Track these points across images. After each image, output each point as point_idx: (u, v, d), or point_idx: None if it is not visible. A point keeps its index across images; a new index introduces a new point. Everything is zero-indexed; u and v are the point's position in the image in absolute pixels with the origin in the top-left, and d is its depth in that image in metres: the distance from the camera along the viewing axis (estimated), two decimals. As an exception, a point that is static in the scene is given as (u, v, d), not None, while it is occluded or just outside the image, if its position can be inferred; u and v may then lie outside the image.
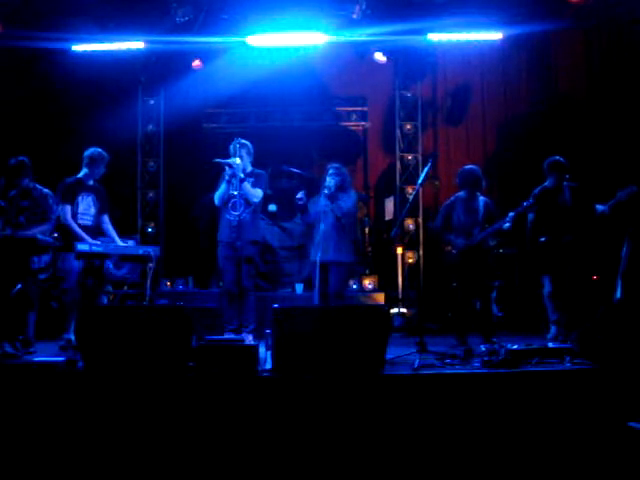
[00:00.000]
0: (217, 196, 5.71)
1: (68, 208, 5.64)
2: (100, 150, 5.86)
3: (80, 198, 5.74)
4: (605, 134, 7.77)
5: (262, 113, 8.86)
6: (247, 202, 5.62)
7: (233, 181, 5.48)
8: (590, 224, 5.74)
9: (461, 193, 5.96)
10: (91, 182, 5.85)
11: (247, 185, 5.61)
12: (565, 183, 5.90)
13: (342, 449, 3.82)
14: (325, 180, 5.84)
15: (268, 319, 4.28)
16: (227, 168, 5.55)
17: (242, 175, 5.55)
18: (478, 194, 5.91)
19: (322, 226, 5.70)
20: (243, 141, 5.78)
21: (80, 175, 5.82)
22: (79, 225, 5.67)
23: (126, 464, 3.80)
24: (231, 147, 5.67)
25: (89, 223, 5.78)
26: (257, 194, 5.70)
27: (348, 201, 5.79)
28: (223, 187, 5.63)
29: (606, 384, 4.02)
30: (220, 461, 3.81)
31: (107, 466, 3.79)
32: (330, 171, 5.84)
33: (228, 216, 5.57)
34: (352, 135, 9.13)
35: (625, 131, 7.45)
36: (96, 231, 5.84)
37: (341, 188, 5.80)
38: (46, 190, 5.60)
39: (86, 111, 8.44)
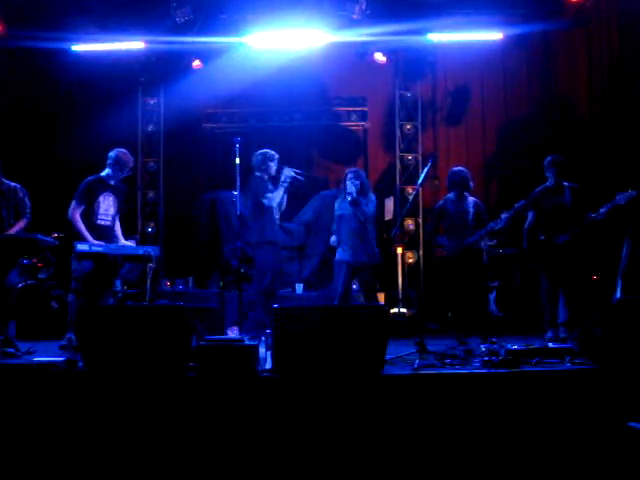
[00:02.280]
0: (275, 200, 5.97)
1: (80, 208, 5.52)
2: (126, 152, 5.75)
3: (102, 198, 5.61)
4: (605, 134, 7.77)
5: (262, 113, 8.85)
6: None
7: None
8: (586, 227, 5.74)
9: (450, 195, 6.02)
10: (113, 182, 5.72)
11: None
12: (566, 184, 5.91)
13: (342, 449, 3.82)
14: (346, 185, 5.92)
15: (268, 319, 4.28)
16: (287, 177, 5.98)
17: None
18: (467, 195, 5.97)
19: (345, 229, 5.88)
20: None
21: (102, 174, 5.70)
22: (99, 225, 5.58)
23: (126, 464, 3.80)
24: (271, 163, 6.02)
25: (109, 223, 5.69)
26: None
27: (370, 205, 5.92)
28: (281, 192, 5.99)
29: (606, 384, 4.02)
30: (220, 461, 3.82)
31: (107, 466, 3.79)
32: (349, 176, 5.94)
33: (276, 220, 5.98)
34: (352, 135, 9.12)
35: (625, 131, 7.45)
36: (113, 231, 5.77)
37: (361, 192, 5.87)
38: (14, 184, 5.53)
39: (86, 111, 8.45)
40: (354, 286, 7.75)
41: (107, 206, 5.68)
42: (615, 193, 5.58)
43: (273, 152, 6.07)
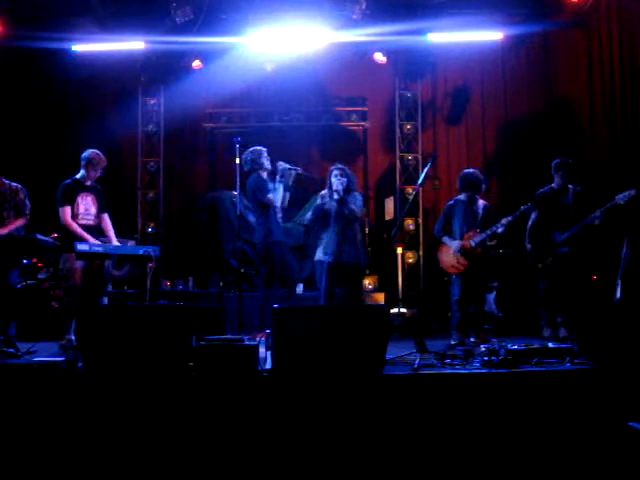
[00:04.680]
0: (277, 199, 5.88)
1: (68, 209, 5.58)
2: (98, 152, 5.77)
3: (80, 199, 5.67)
4: (605, 134, 7.76)
5: (262, 113, 8.85)
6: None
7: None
8: (588, 229, 5.77)
9: (461, 196, 6.02)
10: (89, 182, 5.77)
11: None
12: (571, 186, 5.95)
13: (342, 449, 3.82)
14: (331, 182, 5.75)
15: (268, 319, 4.28)
16: (283, 172, 5.87)
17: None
18: (478, 197, 5.97)
19: (332, 229, 5.63)
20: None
21: (77, 176, 5.75)
22: (82, 225, 5.61)
23: (126, 464, 3.80)
24: (264, 159, 5.92)
25: (91, 222, 5.72)
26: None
27: (357, 203, 5.74)
28: (281, 190, 5.87)
29: (606, 384, 4.02)
30: (220, 461, 3.82)
31: (107, 466, 3.79)
32: (334, 172, 5.74)
33: (280, 219, 5.93)
34: (352, 135, 9.12)
35: (626, 132, 7.44)
36: (98, 230, 5.79)
37: (348, 190, 5.72)
38: (15, 184, 5.55)
39: (86, 111, 8.47)
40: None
41: (87, 205, 5.71)
42: (614, 194, 5.61)
43: (259, 147, 5.99)
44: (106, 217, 5.87)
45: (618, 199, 5.55)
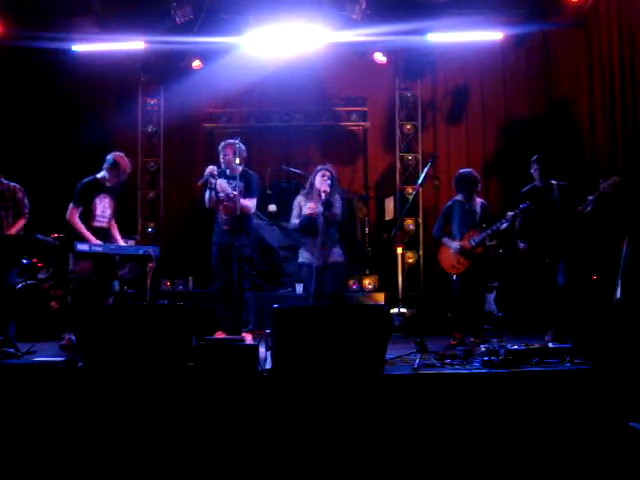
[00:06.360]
0: (206, 201, 5.76)
1: (77, 209, 5.53)
2: (123, 156, 5.69)
3: (98, 200, 5.61)
4: (605, 134, 7.76)
5: (262, 113, 8.84)
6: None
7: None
8: (577, 224, 5.76)
9: (458, 196, 6.04)
10: (108, 184, 5.69)
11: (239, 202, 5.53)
12: (554, 182, 5.93)
13: (342, 449, 3.82)
14: (314, 181, 5.76)
15: (268, 319, 4.28)
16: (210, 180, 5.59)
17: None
18: (475, 197, 5.99)
19: (318, 232, 5.63)
20: (230, 141, 5.71)
21: (98, 176, 5.68)
22: (95, 227, 5.58)
23: (126, 464, 3.80)
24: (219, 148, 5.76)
25: (105, 225, 5.68)
26: (249, 206, 5.70)
27: (338, 205, 5.74)
28: (207, 194, 5.68)
29: (606, 384, 4.02)
30: (220, 460, 3.82)
31: (107, 466, 3.79)
32: (321, 172, 5.74)
33: (221, 220, 5.70)
34: (352, 135, 9.12)
35: (625, 131, 7.44)
36: (110, 233, 5.76)
37: (330, 192, 5.69)
38: (14, 184, 5.55)
39: (86, 111, 8.45)
40: (354, 286, 7.81)
41: (103, 208, 5.67)
42: (598, 183, 5.59)
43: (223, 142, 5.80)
44: (113, 220, 5.83)
45: (602, 188, 5.52)
